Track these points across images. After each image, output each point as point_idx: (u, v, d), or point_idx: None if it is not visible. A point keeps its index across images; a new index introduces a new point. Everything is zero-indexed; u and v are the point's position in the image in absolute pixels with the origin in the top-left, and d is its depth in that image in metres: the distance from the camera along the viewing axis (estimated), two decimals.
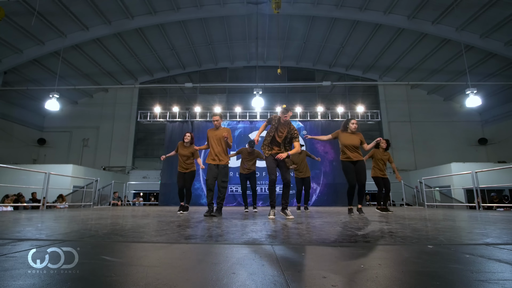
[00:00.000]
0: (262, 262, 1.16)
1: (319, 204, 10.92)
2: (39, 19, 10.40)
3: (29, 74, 13.11)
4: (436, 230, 2.34)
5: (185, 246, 1.53)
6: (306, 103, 14.72)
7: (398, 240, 1.79)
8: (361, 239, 1.82)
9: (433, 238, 1.87)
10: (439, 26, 11.11)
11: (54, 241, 1.63)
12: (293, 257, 1.30)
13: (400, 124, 15.62)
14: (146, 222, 3.02)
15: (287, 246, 1.57)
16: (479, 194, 7.01)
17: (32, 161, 14.79)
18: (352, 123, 4.68)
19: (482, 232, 2.27)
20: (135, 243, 1.64)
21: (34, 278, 0.87)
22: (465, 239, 1.89)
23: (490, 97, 13.93)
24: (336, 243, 1.68)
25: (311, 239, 1.85)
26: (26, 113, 14.89)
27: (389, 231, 2.25)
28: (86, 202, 9.34)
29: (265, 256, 1.29)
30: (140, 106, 16.02)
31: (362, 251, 1.43)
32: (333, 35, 13.06)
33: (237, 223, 3.01)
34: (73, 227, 2.56)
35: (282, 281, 0.90)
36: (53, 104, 10.37)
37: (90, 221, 3.15)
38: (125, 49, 13.39)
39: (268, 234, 2.08)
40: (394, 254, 1.40)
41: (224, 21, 12.44)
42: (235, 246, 1.54)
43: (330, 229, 2.40)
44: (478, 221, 3.36)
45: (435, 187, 10.51)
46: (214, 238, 1.89)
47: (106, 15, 11.25)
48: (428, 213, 5.35)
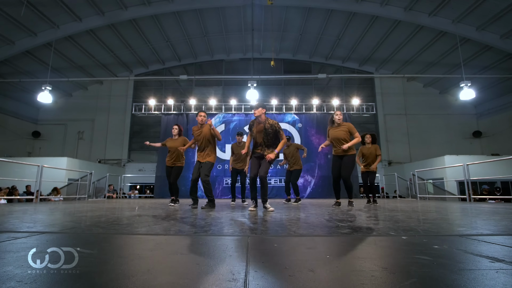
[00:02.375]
0: (231, 253, 1.18)
1: (314, 196, 11.00)
2: (30, 9, 10.23)
3: (22, 66, 12.94)
4: (418, 222, 2.38)
5: (161, 238, 1.54)
6: (302, 95, 14.67)
7: (376, 231, 1.82)
8: (337, 231, 1.85)
9: (411, 229, 1.90)
10: (435, 18, 11.03)
11: (33, 233, 1.64)
12: (264, 249, 1.32)
13: (396, 117, 15.66)
14: (133, 215, 3.04)
15: (262, 238, 1.59)
16: (470, 186, 7.09)
17: (27, 154, 14.73)
18: (336, 115, 4.61)
19: (461, 223, 2.31)
20: (113, 235, 1.66)
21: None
22: (441, 231, 1.92)
23: (486, 90, 13.95)
24: (311, 235, 1.70)
25: (290, 230, 1.87)
26: (20, 105, 14.75)
27: (369, 223, 2.29)
28: (81, 195, 9.36)
29: (238, 247, 1.31)
30: (135, 98, 15.90)
31: (337, 242, 1.46)
32: (330, 27, 12.94)
33: (221, 215, 3.04)
34: (58, 219, 2.57)
35: (241, 271, 0.92)
36: (46, 97, 10.27)
37: (78, 214, 3.17)
38: (120, 40, 13.22)
39: (249, 227, 2.10)
40: (364, 245, 1.42)
41: (220, 12, 12.28)
42: (212, 237, 1.56)
43: (313, 221, 2.43)
44: (463, 213, 3.41)
45: (428, 180, 10.61)
46: (194, 230, 1.91)
47: (99, 6, 11.06)
48: (417, 205, 5.42)
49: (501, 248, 1.29)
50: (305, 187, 11.26)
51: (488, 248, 1.28)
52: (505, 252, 1.22)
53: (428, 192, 10.30)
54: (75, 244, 1.33)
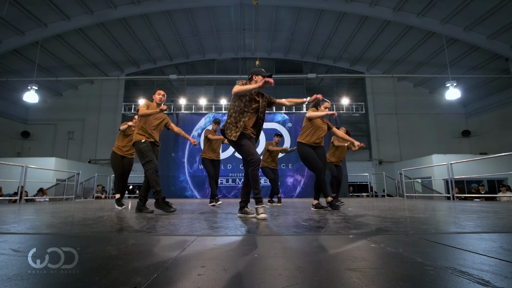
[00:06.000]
0: (161, 253, 1.19)
1: (304, 195, 11.04)
2: (17, 8, 10.13)
3: (9, 65, 12.82)
4: (382, 220, 2.41)
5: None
6: (293, 95, 14.69)
7: (334, 230, 1.85)
8: (300, 229, 1.87)
9: (368, 227, 1.93)
10: (424, 18, 11.12)
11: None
12: (201, 248, 1.34)
13: (386, 116, 15.77)
14: (101, 215, 3.04)
15: (209, 238, 1.61)
16: (454, 185, 7.17)
17: (16, 154, 14.60)
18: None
19: (426, 221, 2.34)
20: (63, 235, 1.66)
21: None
22: (393, 228, 1.94)
23: (474, 90, 14.12)
24: (272, 233, 1.72)
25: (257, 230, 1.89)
26: (8, 105, 14.60)
27: (335, 222, 2.31)
28: (69, 195, 9.29)
29: (177, 246, 1.32)
30: (126, 98, 15.82)
31: (290, 241, 1.47)
32: (320, 27, 12.99)
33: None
34: (27, 220, 2.56)
35: (157, 271, 0.94)
36: (32, 96, 10.17)
37: (52, 214, 3.16)
38: (110, 39, 13.14)
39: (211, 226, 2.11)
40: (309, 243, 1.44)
41: (210, 11, 12.26)
42: (166, 238, 1.58)
43: (283, 220, 2.45)
44: (436, 211, 3.45)
45: (415, 179, 10.71)
46: (156, 230, 1.92)
47: (87, 5, 10.98)
48: (399, 203, 5.47)
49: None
50: (295, 187, 11.31)
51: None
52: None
53: (416, 191, 10.40)
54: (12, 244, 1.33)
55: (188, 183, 11.11)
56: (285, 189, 11.19)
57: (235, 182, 11.30)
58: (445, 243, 1.40)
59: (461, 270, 0.93)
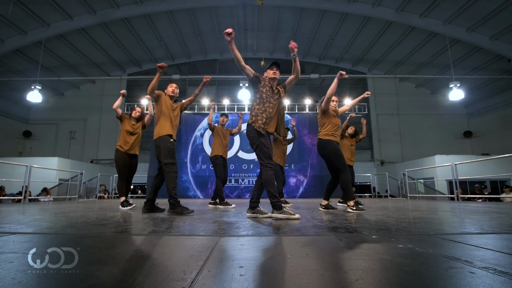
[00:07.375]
0: (191, 253, 1.19)
1: (306, 196, 11.03)
2: (20, 8, 10.11)
3: (12, 65, 12.80)
4: (396, 220, 2.41)
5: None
6: (295, 95, 14.71)
7: (341, 230, 1.84)
8: (305, 231, 1.86)
9: (376, 228, 1.92)
10: (426, 19, 11.14)
11: (1, 234, 1.63)
12: (230, 248, 1.33)
13: (388, 117, 15.79)
14: (113, 215, 3.03)
15: (233, 238, 1.60)
16: (458, 185, 7.17)
17: (17, 154, 14.57)
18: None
19: (441, 221, 2.34)
20: (83, 236, 1.66)
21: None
22: (411, 229, 1.94)
23: (476, 91, 14.14)
24: (281, 234, 1.72)
25: (269, 231, 1.88)
26: (10, 105, 14.58)
27: (350, 222, 2.31)
28: (72, 195, 9.27)
29: (204, 247, 1.31)
30: (128, 98, 15.76)
31: (299, 242, 1.47)
32: (323, 27, 13.00)
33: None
34: (40, 220, 2.55)
35: (194, 271, 0.93)
36: (35, 96, 10.16)
37: (64, 214, 3.15)
38: (112, 39, 13.13)
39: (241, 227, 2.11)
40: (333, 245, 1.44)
41: (213, 11, 12.26)
42: (179, 238, 1.57)
43: (292, 222, 2.45)
44: (446, 212, 3.45)
45: (418, 179, 10.72)
46: (176, 230, 1.91)
47: (90, 4, 10.98)
48: (404, 204, 5.47)
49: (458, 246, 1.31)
50: (298, 187, 11.30)
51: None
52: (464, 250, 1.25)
53: (419, 191, 10.40)
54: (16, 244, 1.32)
55: (190, 183, 11.09)
56: (288, 189, 11.17)
57: (238, 182, 11.29)
58: (471, 243, 1.40)
59: (501, 270, 0.93)
